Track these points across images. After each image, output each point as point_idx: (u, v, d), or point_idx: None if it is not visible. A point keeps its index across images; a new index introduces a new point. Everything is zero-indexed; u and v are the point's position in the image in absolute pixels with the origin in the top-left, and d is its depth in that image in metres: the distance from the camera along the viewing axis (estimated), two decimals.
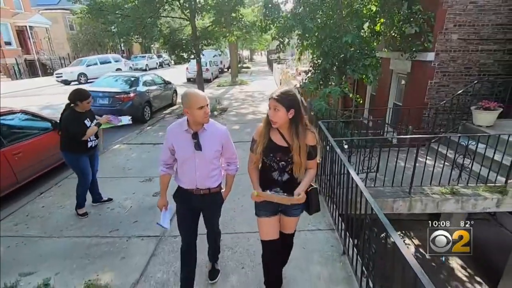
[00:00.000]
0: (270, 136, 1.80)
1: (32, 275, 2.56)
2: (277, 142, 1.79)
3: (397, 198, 3.72)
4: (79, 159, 3.29)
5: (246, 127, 7.48)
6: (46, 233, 3.18)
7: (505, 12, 5.98)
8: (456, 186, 3.77)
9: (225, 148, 2.00)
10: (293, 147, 1.72)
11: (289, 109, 1.67)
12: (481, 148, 3.83)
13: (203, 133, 1.90)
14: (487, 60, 6.28)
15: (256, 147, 1.81)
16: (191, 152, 1.89)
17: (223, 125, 2.04)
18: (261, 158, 1.84)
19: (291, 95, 1.70)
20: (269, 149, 1.79)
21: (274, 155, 1.79)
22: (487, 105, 4.86)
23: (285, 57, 20.65)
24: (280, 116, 1.68)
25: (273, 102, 1.68)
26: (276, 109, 1.68)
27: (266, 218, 1.94)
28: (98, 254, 2.83)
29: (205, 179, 1.98)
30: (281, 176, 1.84)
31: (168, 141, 1.95)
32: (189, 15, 7.71)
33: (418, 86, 6.75)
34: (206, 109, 1.82)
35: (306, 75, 7.69)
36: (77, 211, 3.45)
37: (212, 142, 1.92)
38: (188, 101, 1.79)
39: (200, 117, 1.81)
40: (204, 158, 1.91)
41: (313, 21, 6.76)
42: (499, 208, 3.71)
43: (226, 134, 2.00)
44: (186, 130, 1.88)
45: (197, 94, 1.81)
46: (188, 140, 1.89)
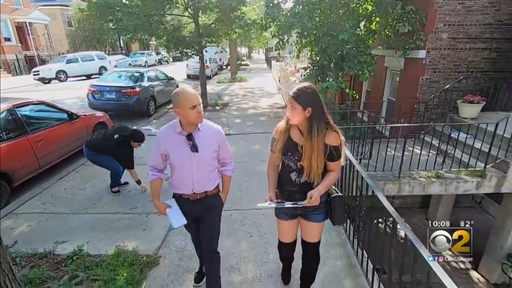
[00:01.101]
0: (290, 133, 1.71)
1: (66, 243, 2.91)
2: (295, 139, 1.69)
3: (388, 181, 4.11)
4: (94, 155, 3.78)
5: (247, 121, 7.85)
6: (72, 211, 3.53)
7: (492, 13, 6.36)
8: (440, 170, 4.18)
9: (221, 147, 1.90)
10: (304, 147, 1.62)
11: (306, 107, 1.57)
12: (464, 137, 4.23)
13: (198, 133, 1.80)
14: (474, 58, 6.66)
15: (275, 144, 1.73)
16: (187, 155, 1.78)
17: (217, 124, 1.94)
18: (281, 157, 1.74)
19: (310, 92, 1.60)
20: (287, 147, 1.70)
21: (292, 154, 1.69)
22: (471, 99, 5.26)
23: (284, 54, 20.96)
24: (297, 114, 1.59)
25: (290, 100, 1.60)
26: (293, 107, 1.59)
27: (285, 221, 1.87)
28: (121, 227, 3.19)
29: (203, 182, 1.88)
30: (299, 177, 1.72)
31: (161, 147, 1.83)
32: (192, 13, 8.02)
33: (410, 82, 7.13)
34: (198, 108, 1.70)
35: (305, 71, 8.04)
36: (111, 189, 3.92)
37: (208, 142, 1.83)
38: (179, 101, 1.68)
39: (193, 117, 1.71)
40: (201, 160, 1.81)
41: (311, 19, 7.11)
42: (478, 190, 4.12)
43: (221, 132, 1.91)
44: (179, 133, 1.77)
45: (188, 92, 1.70)
46: (183, 142, 1.78)
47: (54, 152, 4.56)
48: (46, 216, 3.43)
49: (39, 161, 4.24)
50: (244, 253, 2.73)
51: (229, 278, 2.41)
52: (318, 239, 1.90)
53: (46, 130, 4.45)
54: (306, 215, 1.81)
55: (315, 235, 1.88)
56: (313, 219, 1.81)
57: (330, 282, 2.33)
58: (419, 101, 6.74)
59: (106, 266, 2.54)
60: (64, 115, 4.93)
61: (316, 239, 1.90)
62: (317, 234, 1.88)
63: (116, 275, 2.42)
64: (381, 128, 6.76)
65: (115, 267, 2.51)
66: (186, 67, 18.43)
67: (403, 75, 7.60)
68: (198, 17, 7.97)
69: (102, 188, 4.06)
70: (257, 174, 4.20)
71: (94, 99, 7.89)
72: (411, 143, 4.87)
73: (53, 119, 4.75)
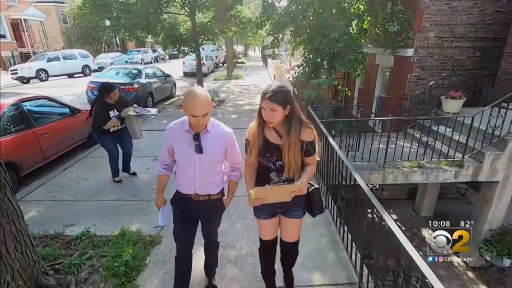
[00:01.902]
0: (265, 134, 1.68)
1: (74, 226, 3.15)
2: (273, 140, 1.67)
3: (373, 171, 4.40)
4: (102, 137, 3.87)
5: (243, 116, 8.11)
6: (77, 198, 3.77)
7: (476, 13, 6.67)
8: (422, 161, 4.48)
9: (229, 152, 1.83)
10: (283, 145, 1.62)
11: (285, 106, 1.57)
12: (445, 130, 4.53)
13: (206, 134, 1.73)
14: (460, 56, 6.98)
15: (251, 148, 1.69)
16: (191, 155, 1.73)
17: (229, 128, 1.85)
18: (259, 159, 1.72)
19: (286, 90, 1.59)
20: (264, 148, 1.67)
21: (271, 155, 1.67)
22: (454, 95, 5.57)
23: (279, 52, 21.21)
24: (278, 115, 1.57)
25: (268, 104, 1.54)
26: (273, 109, 1.55)
27: (265, 220, 1.86)
28: (125, 212, 3.43)
29: (205, 185, 1.83)
30: (279, 176, 1.72)
31: (167, 140, 1.79)
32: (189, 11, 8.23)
33: (399, 79, 7.44)
34: (199, 120, 1.61)
35: (299, 69, 8.30)
36: (113, 179, 4.11)
37: (215, 145, 1.75)
38: (185, 102, 1.61)
39: (192, 123, 1.66)
40: (205, 162, 1.75)
41: (305, 18, 7.38)
42: (457, 179, 4.43)
43: (232, 137, 1.82)
44: (187, 131, 1.72)
45: (196, 99, 1.58)
46: (189, 141, 1.72)
47: (57, 145, 4.77)
48: (54, 203, 3.66)
49: (44, 153, 4.46)
50: (238, 233, 3.00)
51: (225, 253, 2.68)
52: (298, 237, 1.94)
53: (50, 123, 4.66)
54: (287, 212, 1.81)
55: (295, 232, 1.91)
56: (294, 215, 1.82)
57: (315, 255, 2.60)
58: (407, 97, 7.05)
59: (112, 244, 2.79)
60: (66, 109, 5.14)
61: (297, 237, 1.94)
62: (297, 231, 1.92)
63: (122, 252, 2.66)
64: (372, 123, 7.08)
65: (121, 245, 2.76)
66: (183, 64, 18.60)
67: (393, 73, 7.91)
68: (195, 15, 8.17)
69: (104, 178, 4.28)
70: None
71: (93, 95, 8.05)
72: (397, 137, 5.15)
73: (56, 113, 4.96)
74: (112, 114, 3.73)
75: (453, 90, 5.87)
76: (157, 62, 30.04)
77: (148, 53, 30.03)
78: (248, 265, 2.56)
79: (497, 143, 4.31)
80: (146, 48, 33.01)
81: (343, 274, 2.42)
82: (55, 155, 4.76)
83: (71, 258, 2.62)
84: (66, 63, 17.51)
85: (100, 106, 3.69)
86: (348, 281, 2.34)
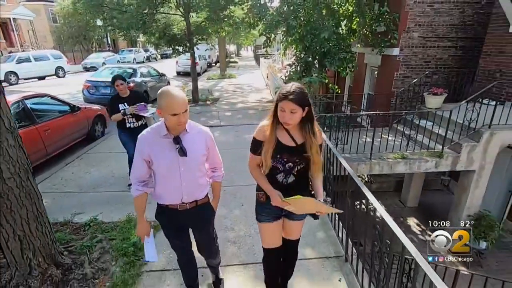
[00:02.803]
0: (277, 136, 1.63)
1: (81, 214, 3.35)
2: (284, 142, 1.63)
3: (361, 162, 4.72)
4: (120, 133, 3.77)
5: (236, 114, 8.36)
6: (82, 190, 3.97)
7: (457, 15, 7.07)
8: (405, 152, 4.81)
9: (210, 151, 1.76)
10: (311, 146, 1.60)
11: (304, 108, 1.53)
12: (427, 124, 4.88)
13: (186, 136, 1.64)
14: (442, 55, 7.38)
15: (265, 152, 1.62)
16: (175, 161, 1.62)
17: (205, 126, 1.79)
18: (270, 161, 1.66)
19: (305, 92, 1.55)
20: (275, 150, 1.62)
21: (281, 156, 1.63)
22: (435, 91, 5.94)
23: (272, 52, 21.51)
24: (298, 117, 1.54)
25: (289, 105, 1.49)
26: (293, 111, 1.50)
27: (269, 223, 1.80)
28: (129, 202, 3.59)
29: (193, 189, 1.74)
30: (286, 178, 1.68)
31: (143, 152, 1.63)
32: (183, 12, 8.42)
33: (386, 77, 7.80)
34: (181, 117, 1.51)
35: (291, 68, 8.60)
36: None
37: (197, 145, 1.68)
38: (161, 103, 1.50)
39: (172, 124, 1.54)
40: (190, 164, 1.66)
41: (296, 19, 7.67)
42: (437, 168, 4.78)
43: (210, 135, 1.76)
44: (164, 136, 1.60)
45: (172, 96, 1.48)
46: (169, 146, 1.61)
47: (59, 141, 4.94)
48: (59, 194, 3.85)
49: (46, 148, 4.63)
50: (236, 217, 3.25)
51: (224, 234, 2.93)
52: (299, 235, 1.96)
53: (52, 120, 4.83)
54: (291, 214, 1.77)
55: (298, 231, 1.93)
56: (297, 218, 1.81)
57: (307, 234, 2.87)
58: (394, 94, 7.42)
59: (120, 229, 3.01)
60: (67, 107, 5.30)
61: (299, 235, 1.95)
62: (299, 231, 1.94)
63: (130, 235, 2.89)
64: (360, 119, 7.42)
65: (128, 229, 2.99)
66: (176, 64, 18.71)
67: (380, 71, 8.27)
68: (189, 15, 8.37)
69: (106, 172, 4.48)
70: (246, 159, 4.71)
71: (89, 94, 8.21)
72: (383, 131, 5.49)
73: (57, 110, 5.12)
74: (122, 107, 3.60)
75: (434, 87, 6.25)
76: (149, 61, 29.95)
77: (140, 52, 29.94)
78: (246, 244, 2.83)
79: (473, 135, 4.67)
80: (138, 47, 32.92)
81: (331, 249, 2.70)
82: (56, 151, 4.92)
83: (82, 241, 2.84)
84: (37, 64, 16.27)
85: (112, 97, 3.69)
86: (336, 254, 2.63)
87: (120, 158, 4.85)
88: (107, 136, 6.39)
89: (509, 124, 4.54)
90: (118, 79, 3.62)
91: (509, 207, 5.68)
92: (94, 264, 2.56)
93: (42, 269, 2.27)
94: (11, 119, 2.07)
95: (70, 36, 29.32)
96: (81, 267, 2.50)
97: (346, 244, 2.49)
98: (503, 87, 5.71)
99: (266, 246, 1.90)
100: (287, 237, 1.93)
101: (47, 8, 29.32)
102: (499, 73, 5.91)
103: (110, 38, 33.57)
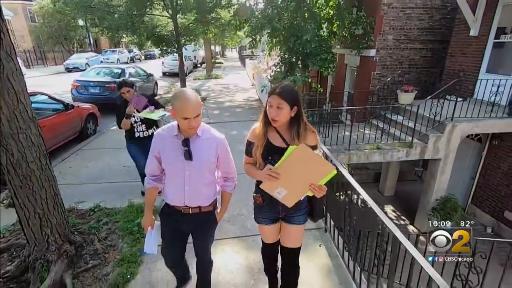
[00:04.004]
0: (268, 137, 1.64)
1: (84, 202, 3.61)
2: (276, 143, 1.63)
3: (340, 153, 5.18)
4: (129, 145, 3.50)
5: (224, 112, 8.71)
6: (82, 182, 4.20)
7: (426, 19, 7.73)
8: (380, 144, 5.34)
9: (221, 159, 1.71)
10: None
11: (292, 106, 1.54)
12: (397, 118, 5.42)
13: (196, 140, 1.62)
14: (414, 56, 8.02)
15: (255, 150, 1.64)
16: (180, 163, 1.61)
17: (221, 133, 1.73)
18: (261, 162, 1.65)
19: (295, 90, 1.58)
20: (267, 151, 1.62)
21: (273, 158, 1.61)
22: (406, 89, 6.53)
23: (257, 52, 21.96)
24: (284, 114, 1.54)
25: (276, 99, 1.52)
26: (280, 106, 1.52)
27: (266, 225, 1.82)
28: (129, 191, 3.90)
29: (196, 195, 1.70)
30: None
31: (155, 148, 1.66)
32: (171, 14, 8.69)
33: (365, 76, 8.37)
34: (192, 122, 1.50)
35: (275, 67, 9.04)
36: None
37: (206, 151, 1.64)
38: (175, 105, 1.50)
39: (184, 127, 1.54)
40: (195, 170, 1.63)
41: (280, 21, 8.11)
42: (408, 157, 5.33)
43: (224, 143, 1.71)
44: (175, 136, 1.61)
45: (186, 100, 1.48)
46: (177, 147, 1.61)
47: (54, 138, 5.11)
48: (60, 186, 3.92)
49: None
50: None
51: None
52: (299, 244, 1.86)
53: (48, 117, 5.00)
54: (288, 218, 1.77)
55: (297, 238, 1.84)
56: (295, 222, 1.77)
57: None
58: (371, 92, 7.99)
59: (123, 213, 3.30)
60: (61, 105, 5.47)
61: (298, 243, 1.85)
62: (299, 238, 1.84)
63: (133, 218, 3.19)
64: (340, 116, 7.94)
65: (131, 213, 3.28)
66: (162, 64, 18.79)
67: (359, 71, 8.85)
68: (177, 18, 8.65)
69: (103, 166, 4.72)
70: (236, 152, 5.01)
71: (78, 93, 8.30)
72: (362, 126, 6.00)
73: (52, 108, 5.29)
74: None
75: (406, 85, 6.84)
76: (133, 62, 29.67)
77: (124, 53, 29.59)
78: (239, 221, 3.20)
79: (438, 127, 5.25)
80: (121, 48, 32.53)
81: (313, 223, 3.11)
82: (51, 148, 5.09)
83: (89, 223, 3.11)
84: None
85: (118, 104, 3.31)
86: (317, 226, 3.04)
87: (115, 153, 5.10)
88: (99, 134, 6.58)
89: (468, 117, 5.15)
90: (124, 86, 3.18)
91: (472, 193, 6.33)
92: (103, 242, 2.85)
93: (58, 245, 2.54)
94: (32, 110, 2.34)
95: (50, 36, 28.61)
96: (91, 244, 2.79)
97: (325, 219, 2.90)
98: (465, 84, 6.36)
99: (265, 241, 1.93)
100: (286, 245, 1.85)
101: (25, 7, 28.48)
102: (462, 72, 6.58)
103: (92, 38, 33.00)
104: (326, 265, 2.61)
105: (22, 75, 2.25)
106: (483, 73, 6.11)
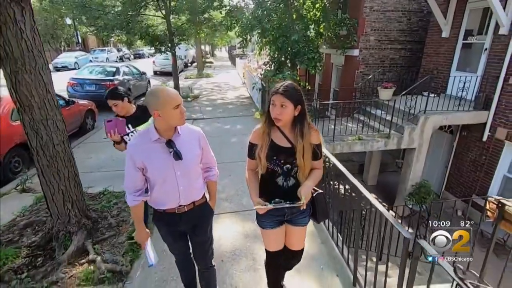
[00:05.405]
0: (271, 137, 1.63)
1: (92, 188, 3.96)
2: (280, 143, 1.62)
3: (325, 143, 5.67)
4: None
5: (217, 109, 9.11)
6: (87, 171, 4.52)
7: (405, 22, 8.33)
8: (361, 135, 5.87)
9: (204, 151, 1.74)
10: (297, 148, 1.57)
11: (296, 105, 1.54)
12: (375, 112, 5.96)
13: (179, 138, 1.60)
14: (394, 56, 8.62)
15: (259, 151, 1.62)
16: (169, 165, 1.58)
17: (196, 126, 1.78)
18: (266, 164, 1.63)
19: (298, 89, 1.56)
20: (271, 151, 1.61)
21: (278, 158, 1.61)
22: (386, 86, 7.09)
23: (247, 52, 22.36)
24: (287, 113, 1.53)
25: (279, 98, 1.51)
26: (284, 105, 1.51)
27: (272, 229, 1.77)
28: None
29: (190, 192, 1.71)
30: (287, 181, 1.67)
31: (136, 160, 1.56)
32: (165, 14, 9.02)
33: (349, 74, 8.93)
34: (181, 108, 1.51)
35: (265, 66, 9.49)
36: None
37: (190, 146, 1.64)
38: (160, 101, 1.45)
39: (176, 118, 1.51)
40: (186, 167, 1.63)
41: (270, 22, 8.56)
42: (386, 147, 5.88)
43: (203, 135, 1.74)
44: (156, 140, 1.56)
45: (167, 90, 1.49)
46: (162, 150, 1.57)
47: None
48: None
49: None
50: (226, 184, 4.03)
51: (217, 196, 3.69)
52: (303, 245, 1.89)
53: None
54: (293, 220, 1.77)
55: (302, 239, 1.86)
56: (300, 223, 1.78)
57: None
58: (355, 89, 8.55)
59: None
60: (62, 101, 5.75)
61: (303, 245, 1.89)
62: (303, 238, 1.87)
63: None
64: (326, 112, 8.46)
65: None
66: (153, 63, 18.95)
67: (344, 69, 9.40)
68: (170, 18, 8.98)
69: (106, 157, 5.05)
70: (230, 144, 5.51)
71: (74, 91, 8.53)
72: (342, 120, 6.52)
73: None
74: (127, 131, 2.68)
75: (386, 82, 7.41)
76: (122, 61, 29.56)
77: (113, 52, 29.45)
78: (236, 200, 3.63)
79: (412, 119, 5.81)
80: (110, 47, 32.31)
81: None
82: None
83: (101, 204, 3.47)
84: None
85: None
86: None
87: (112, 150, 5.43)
88: (97, 129, 6.87)
89: (439, 110, 5.73)
90: (110, 98, 2.56)
91: (446, 180, 6.95)
92: (116, 218, 3.22)
93: (77, 219, 2.90)
94: (56, 100, 2.70)
95: None
96: (105, 219, 3.16)
97: None
98: (439, 81, 6.98)
99: (269, 249, 1.87)
100: (292, 248, 1.87)
101: None
102: (436, 70, 7.19)
103: (80, 37, 32.64)
104: (312, 231, 3.07)
105: (49, 70, 2.60)
106: (454, 71, 6.72)
